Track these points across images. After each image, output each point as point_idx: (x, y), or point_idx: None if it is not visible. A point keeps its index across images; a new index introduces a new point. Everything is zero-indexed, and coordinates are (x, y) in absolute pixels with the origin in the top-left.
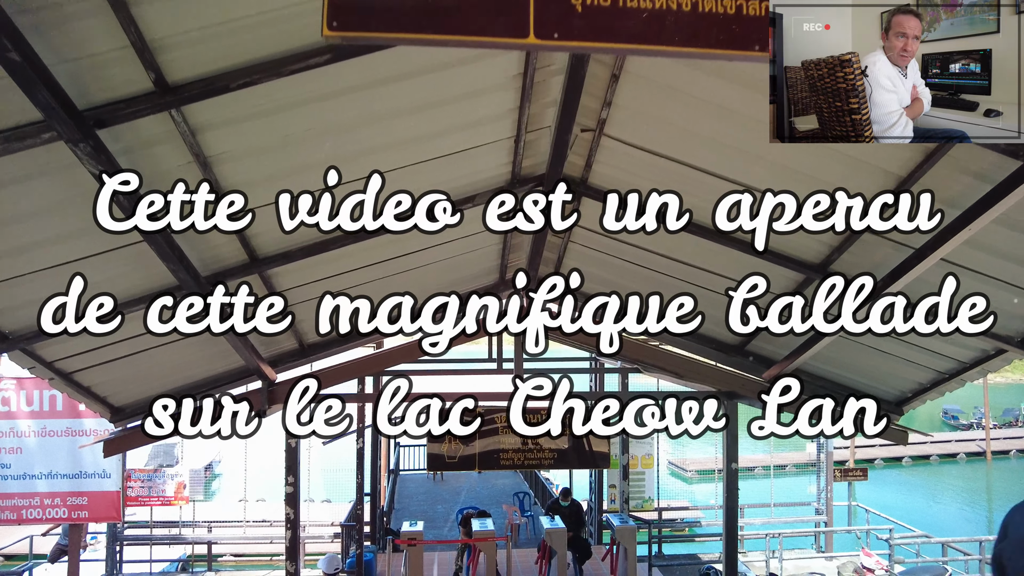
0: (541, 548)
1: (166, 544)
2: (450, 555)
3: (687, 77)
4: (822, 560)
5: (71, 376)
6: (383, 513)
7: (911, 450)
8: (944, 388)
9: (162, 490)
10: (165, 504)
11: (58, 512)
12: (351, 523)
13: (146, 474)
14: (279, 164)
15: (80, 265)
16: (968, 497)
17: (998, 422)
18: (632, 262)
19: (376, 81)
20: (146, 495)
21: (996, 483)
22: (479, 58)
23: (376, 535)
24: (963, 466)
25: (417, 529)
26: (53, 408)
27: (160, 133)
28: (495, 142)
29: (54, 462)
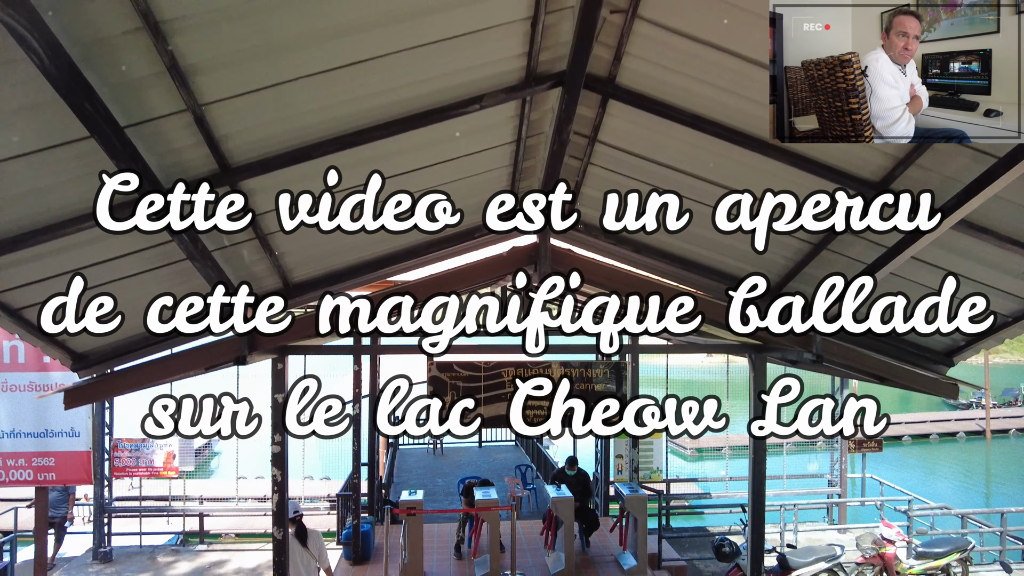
0: (547, 518)
1: (156, 516)
2: (450, 527)
3: None
4: (836, 532)
5: (19, 313)
6: (381, 484)
7: (911, 429)
8: (993, 340)
9: (150, 460)
10: (153, 475)
11: (23, 474)
12: (347, 493)
13: (133, 443)
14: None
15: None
16: (967, 473)
17: (998, 401)
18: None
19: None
20: (133, 465)
21: (995, 461)
22: None
23: (374, 506)
24: (963, 444)
25: (417, 498)
26: (15, 360)
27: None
28: (508, 23)
29: (18, 420)
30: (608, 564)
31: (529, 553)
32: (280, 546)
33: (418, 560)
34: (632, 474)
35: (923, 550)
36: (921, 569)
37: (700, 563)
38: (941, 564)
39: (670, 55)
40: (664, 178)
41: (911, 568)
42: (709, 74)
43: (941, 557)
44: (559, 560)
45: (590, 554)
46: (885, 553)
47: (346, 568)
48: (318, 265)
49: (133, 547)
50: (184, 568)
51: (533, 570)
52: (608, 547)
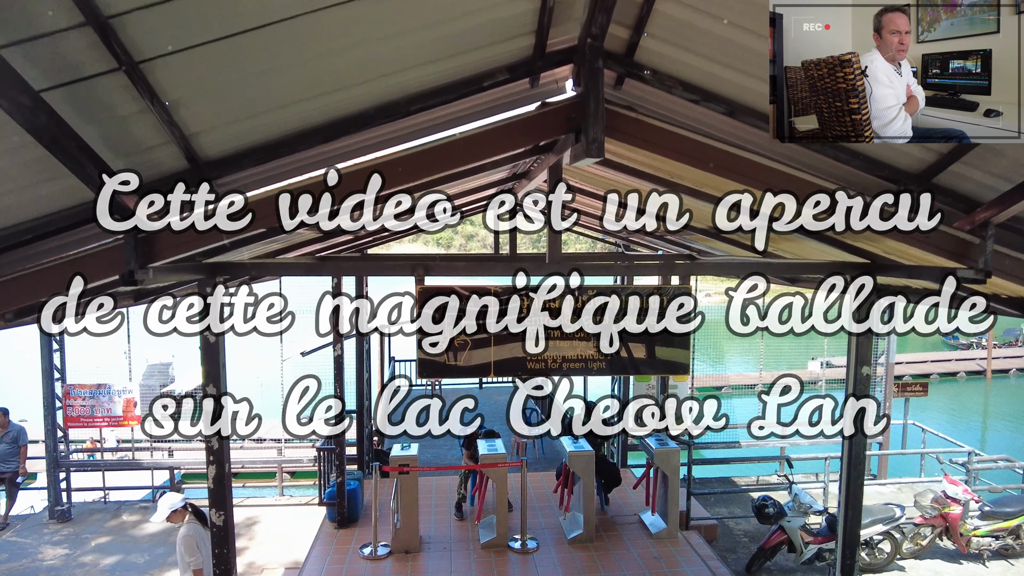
0: (561, 474)
1: (120, 470)
2: (450, 481)
3: None
4: (891, 488)
5: None
6: (372, 434)
7: (911, 369)
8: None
9: (108, 409)
10: (114, 425)
11: None
12: (330, 447)
13: (87, 390)
14: None
15: None
16: (985, 415)
17: (999, 342)
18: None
19: None
20: (89, 415)
21: (994, 400)
22: None
23: (363, 459)
24: (963, 384)
25: (410, 453)
26: None
27: None
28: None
29: None
30: (632, 527)
31: (540, 513)
32: (222, 534)
33: (412, 523)
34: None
35: (990, 509)
36: (987, 531)
37: (731, 521)
38: (1011, 525)
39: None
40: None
41: (976, 529)
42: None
43: (1012, 518)
44: (576, 522)
45: (610, 514)
46: (949, 513)
47: (330, 532)
48: (240, 129)
49: (97, 503)
50: (150, 528)
51: (546, 533)
52: (630, 505)
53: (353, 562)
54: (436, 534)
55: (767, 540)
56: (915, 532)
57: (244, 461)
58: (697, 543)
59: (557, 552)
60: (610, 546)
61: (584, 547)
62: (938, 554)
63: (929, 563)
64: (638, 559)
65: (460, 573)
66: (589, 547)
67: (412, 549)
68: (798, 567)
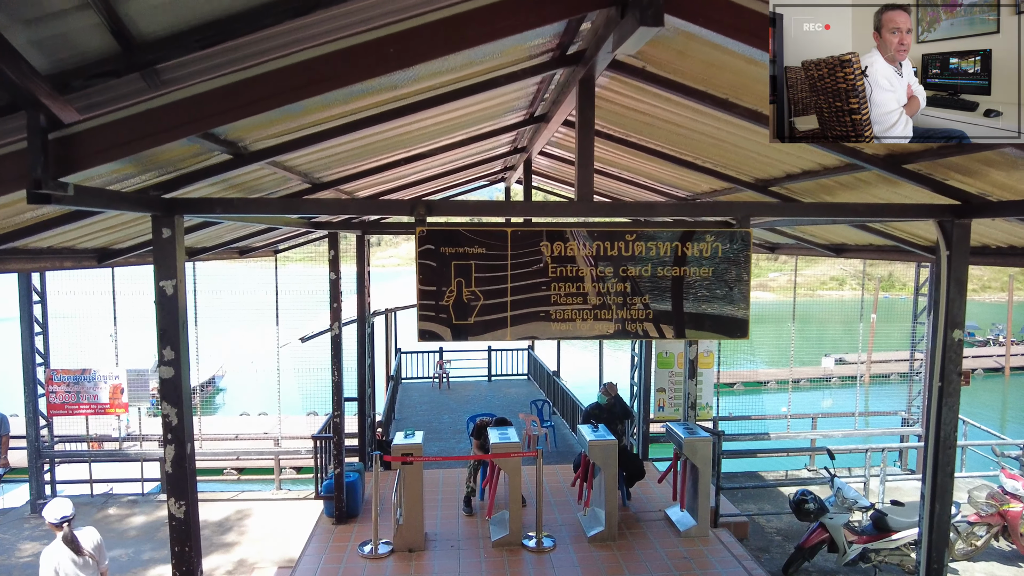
0: (580, 466)
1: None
2: (459, 473)
3: None
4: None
5: None
6: (374, 423)
7: None
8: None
9: (94, 396)
10: (99, 413)
11: None
12: (327, 435)
13: (71, 376)
14: None
15: None
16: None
17: (1016, 338)
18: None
19: None
20: (73, 402)
21: (1013, 397)
22: None
23: (366, 449)
24: (981, 381)
25: (414, 442)
26: None
27: None
28: None
29: None
30: (657, 524)
31: (557, 508)
32: (183, 528)
33: (417, 518)
34: (688, 411)
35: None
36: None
37: (762, 519)
38: None
39: None
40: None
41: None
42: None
43: None
44: (597, 518)
45: (633, 510)
46: (1008, 511)
47: (327, 528)
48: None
49: (83, 496)
50: (136, 522)
51: (563, 530)
52: (654, 501)
53: (351, 561)
54: (442, 531)
55: (806, 539)
56: (969, 531)
57: (239, 452)
58: (729, 541)
59: (576, 551)
60: (634, 545)
61: (606, 546)
62: (994, 556)
63: (984, 565)
64: (666, 559)
65: (469, 574)
66: (611, 546)
67: (416, 547)
68: (840, 568)
